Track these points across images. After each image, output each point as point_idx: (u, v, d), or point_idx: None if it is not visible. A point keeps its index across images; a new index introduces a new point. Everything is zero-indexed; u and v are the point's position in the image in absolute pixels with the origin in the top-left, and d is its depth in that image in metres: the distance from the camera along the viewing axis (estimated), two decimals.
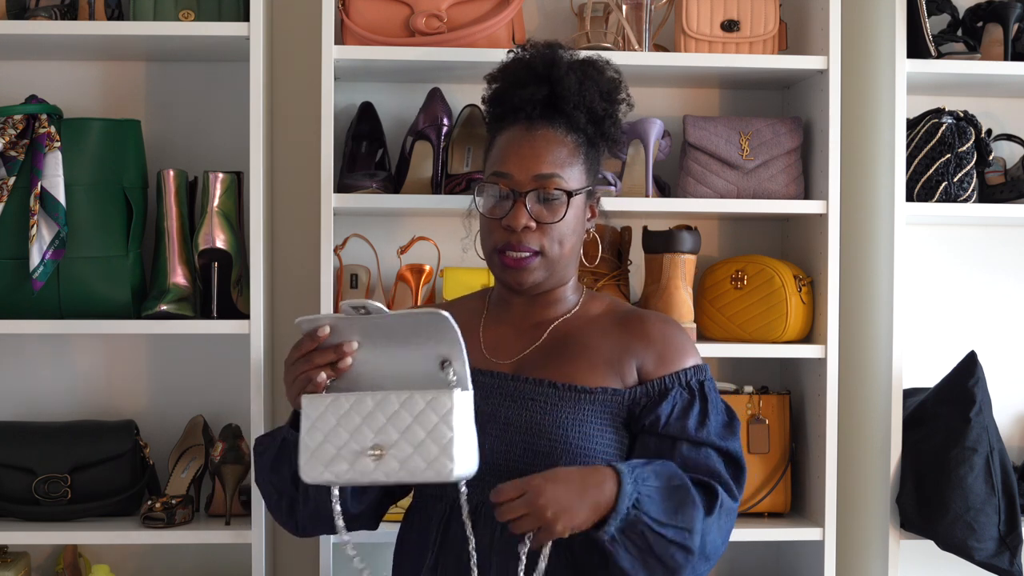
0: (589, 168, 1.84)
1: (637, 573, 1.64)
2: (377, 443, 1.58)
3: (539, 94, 1.81)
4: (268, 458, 1.78)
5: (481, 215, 1.82)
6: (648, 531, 1.62)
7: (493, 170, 1.81)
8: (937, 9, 2.52)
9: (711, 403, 1.77)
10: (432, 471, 1.56)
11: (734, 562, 2.68)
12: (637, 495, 1.62)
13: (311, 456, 1.60)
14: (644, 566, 1.63)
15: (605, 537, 1.61)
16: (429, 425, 1.57)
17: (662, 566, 1.64)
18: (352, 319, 1.61)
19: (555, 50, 1.85)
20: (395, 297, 2.46)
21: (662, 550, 1.63)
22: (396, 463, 1.57)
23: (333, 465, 1.59)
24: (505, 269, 1.80)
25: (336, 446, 1.59)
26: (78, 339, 2.52)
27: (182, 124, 2.55)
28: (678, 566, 1.65)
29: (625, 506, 1.61)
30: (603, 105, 1.83)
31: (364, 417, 1.59)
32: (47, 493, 2.32)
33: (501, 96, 1.86)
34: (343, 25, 2.38)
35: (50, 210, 2.24)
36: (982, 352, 2.40)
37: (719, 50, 2.44)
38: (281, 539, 2.55)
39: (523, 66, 1.85)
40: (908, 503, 2.35)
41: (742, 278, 2.47)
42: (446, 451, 1.56)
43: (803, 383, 2.54)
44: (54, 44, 2.38)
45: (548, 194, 1.77)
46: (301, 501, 1.77)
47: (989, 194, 2.54)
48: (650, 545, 1.63)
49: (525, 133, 1.80)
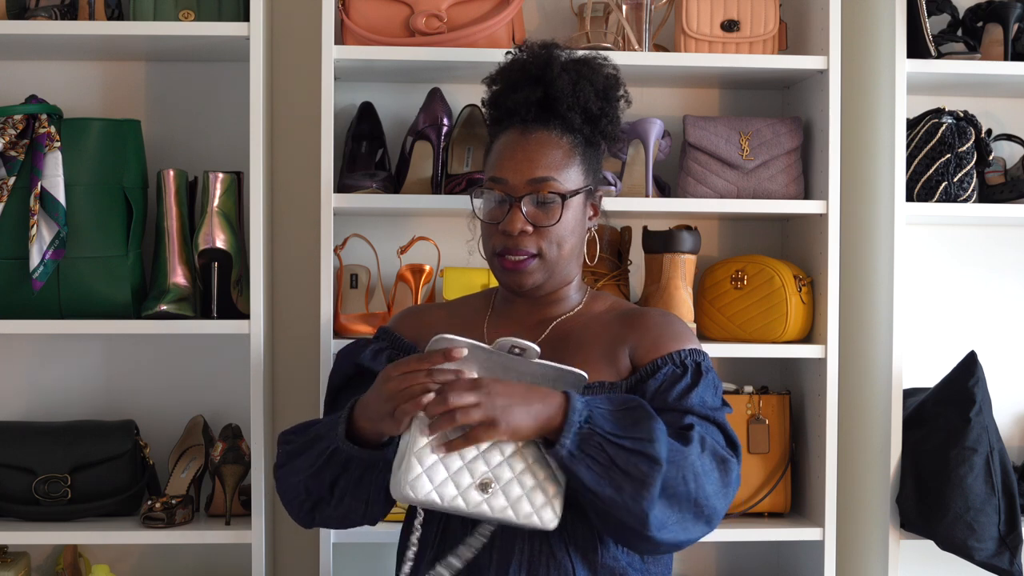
0: (587, 168, 1.84)
1: (603, 490, 1.60)
2: (489, 478, 1.62)
3: (533, 96, 1.81)
4: (308, 462, 1.76)
5: (480, 220, 1.83)
6: (605, 443, 1.60)
7: (489, 175, 1.82)
8: (937, 9, 2.52)
9: (703, 380, 1.75)
10: (537, 517, 1.63)
11: (734, 562, 2.68)
12: (589, 412, 1.62)
13: (420, 474, 1.61)
14: (610, 482, 1.60)
15: (562, 452, 1.59)
16: (541, 474, 1.64)
17: (628, 479, 1.60)
18: (485, 350, 1.64)
19: (550, 51, 1.85)
20: (395, 297, 2.46)
21: (624, 460, 1.60)
22: (504, 501, 1.63)
23: (442, 488, 1.62)
24: (505, 272, 1.81)
25: (449, 471, 1.62)
26: (78, 339, 2.52)
27: (182, 124, 2.55)
28: (645, 476, 1.59)
29: (576, 420, 1.60)
30: (599, 104, 1.84)
31: (481, 451, 1.63)
32: (47, 493, 2.32)
33: (498, 99, 1.87)
34: (343, 25, 2.38)
35: (50, 210, 2.24)
36: (982, 352, 2.40)
37: (719, 50, 2.44)
38: (281, 539, 2.55)
39: (519, 68, 1.85)
40: (908, 503, 2.35)
41: (742, 278, 2.47)
42: (552, 502, 1.63)
43: (803, 383, 2.54)
44: (54, 44, 2.38)
45: (543, 197, 1.78)
46: (332, 505, 1.76)
47: (989, 194, 2.54)
48: (611, 458, 1.60)
49: (520, 137, 1.81)
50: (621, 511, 1.61)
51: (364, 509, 1.76)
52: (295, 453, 1.79)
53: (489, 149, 1.87)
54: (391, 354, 1.88)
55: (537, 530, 1.65)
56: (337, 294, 2.43)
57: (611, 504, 1.61)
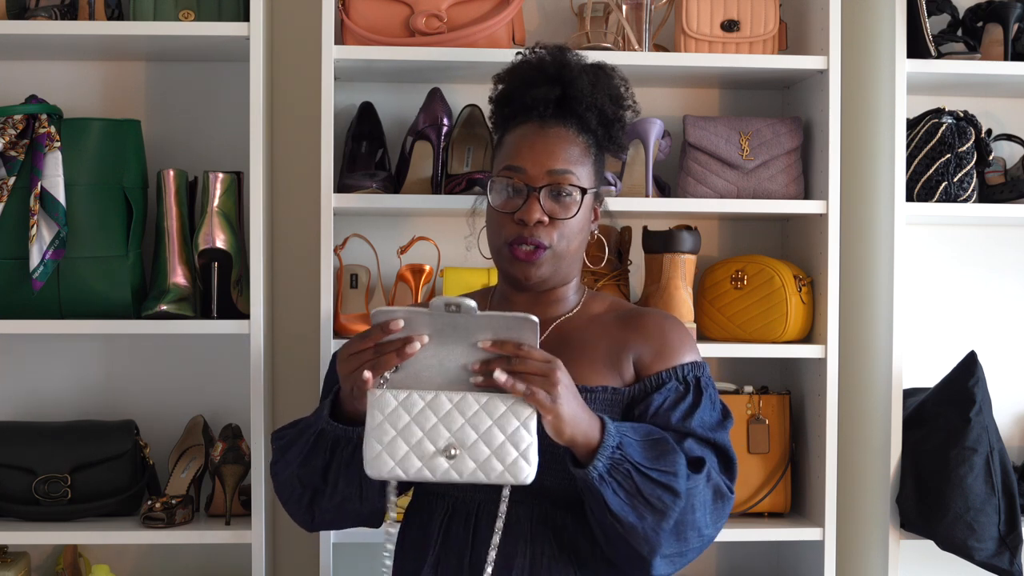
0: (597, 170, 1.85)
1: (627, 516, 1.63)
2: (452, 443, 1.60)
3: (552, 94, 1.81)
4: (298, 451, 1.76)
5: (491, 209, 1.82)
6: (634, 471, 1.63)
7: (506, 164, 1.81)
8: (937, 9, 2.52)
9: (704, 398, 1.77)
10: (509, 474, 1.60)
11: (734, 562, 2.68)
12: (620, 439, 1.64)
13: (380, 452, 1.61)
14: (633, 509, 1.63)
15: (594, 473, 1.61)
16: (508, 429, 1.61)
17: (650, 509, 1.63)
18: (425, 314, 1.62)
19: (564, 53, 1.86)
20: (395, 297, 2.46)
21: (649, 491, 1.63)
22: (471, 464, 1.61)
23: (404, 462, 1.60)
24: (514, 262, 1.80)
25: (408, 443, 1.61)
26: (78, 339, 2.52)
27: (182, 124, 2.55)
28: (666, 508, 1.64)
29: (610, 445, 1.62)
30: (613, 109, 1.84)
31: (440, 416, 1.62)
32: (47, 493, 2.32)
33: (511, 96, 1.86)
34: (343, 25, 2.38)
35: (50, 210, 2.24)
36: (982, 352, 2.40)
37: (719, 50, 2.44)
38: (281, 539, 2.55)
39: (533, 67, 1.85)
40: (908, 503, 2.35)
41: (742, 278, 2.47)
42: (525, 455, 1.60)
43: (803, 383, 2.54)
44: (54, 44, 2.38)
45: (562, 189, 1.78)
46: (328, 494, 1.76)
47: (989, 194, 2.54)
48: (637, 487, 1.63)
49: (539, 130, 1.81)
50: (638, 539, 1.64)
51: (360, 495, 1.74)
52: (286, 447, 1.79)
53: (500, 143, 1.86)
54: None
55: (518, 487, 1.63)
56: (337, 294, 2.43)
57: (630, 531, 1.64)
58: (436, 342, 1.63)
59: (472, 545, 1.74)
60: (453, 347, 1.63)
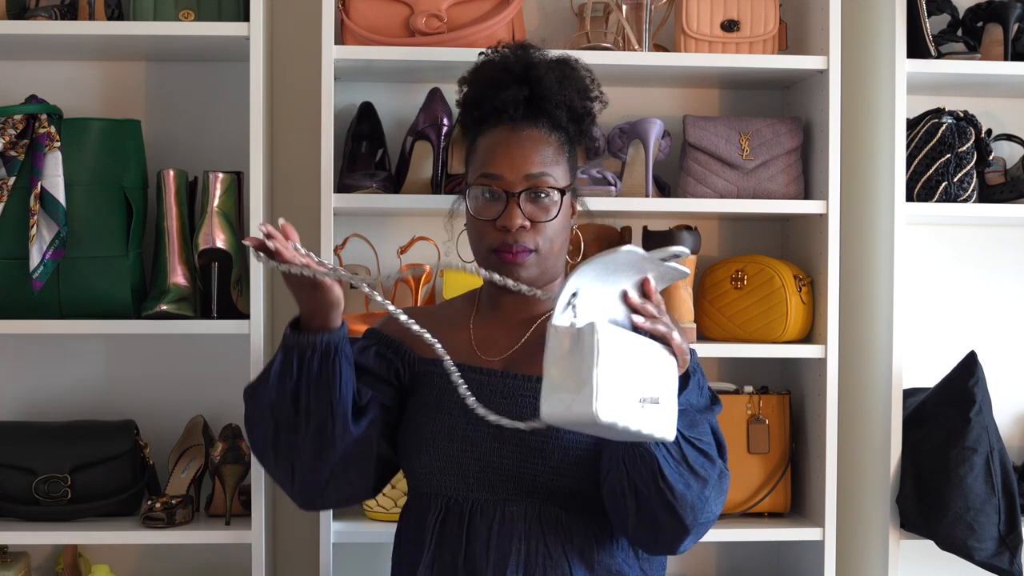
0: (571, 166, 1.86)
1: (677, 484, 1.62)
2: (653, 395, 1.50)
3: (521, 95, 1.81)
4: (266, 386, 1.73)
5: (471, 217, 1.82)
6: (680, 438, 1.62)
7: (481, 171, 1.81)
8: (937, 9, 2.52)
9: (692, 382, 1.74)
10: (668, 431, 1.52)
11: (734, 562, 2.68)
12: None
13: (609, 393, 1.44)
14: (680, 476, 1.63)
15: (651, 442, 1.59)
16: (674, 388, 1.55)
17: (695, 476, 1.64)
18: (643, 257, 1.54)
19: (528, 51, 1.86)
20: (395, 297, 2.46)
21: (693, 458, 1.64)
22: (661, 420, 1.50)
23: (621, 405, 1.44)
24: (502, 267, 1.80)
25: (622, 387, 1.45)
26: (78, 339, 2.52)
27: (182, 124, 2.55)
28: (707, 475, 1.65)
29: None
30: (582, 103, 1.85)
31: (645, 364, 1.50)
32: (47, 493, 2.32)
33: (479, 99, 1.85)
34: (343, 25, 2.38)
35: (50, 210, 2.24)
36: (982, 352, 2.40)
37: (719, 50, 2.44)
38: (281, 539, 2.55)
39: (498, 68, 1.85)
40: (908, 503, 2.35)
41: (742, 278, 2.47)
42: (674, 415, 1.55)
43: (803, 383, 2.54)
44: (54, 44, 2.38)
45: (540, 192, 1.78)
46: (303, 426, 1.71)
47: (989, 194, 2.54)
48: (684, 455, 1.63)
49: (511, 133, 1.81)
50: (686, 507, 1.64)
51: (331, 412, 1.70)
52: (255, 387, 1.76)
53: (473, 146, 1.86)
54: (378, 349, 1.88)
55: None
56: None
57: (680, 500, 1.63)
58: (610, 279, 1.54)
59: (466, 544, 1.74)
60: (616, 285, 1.56)
